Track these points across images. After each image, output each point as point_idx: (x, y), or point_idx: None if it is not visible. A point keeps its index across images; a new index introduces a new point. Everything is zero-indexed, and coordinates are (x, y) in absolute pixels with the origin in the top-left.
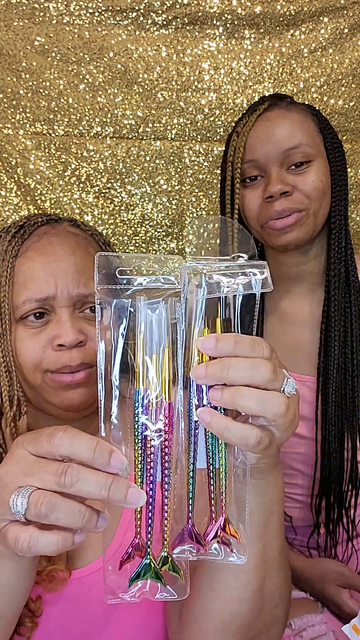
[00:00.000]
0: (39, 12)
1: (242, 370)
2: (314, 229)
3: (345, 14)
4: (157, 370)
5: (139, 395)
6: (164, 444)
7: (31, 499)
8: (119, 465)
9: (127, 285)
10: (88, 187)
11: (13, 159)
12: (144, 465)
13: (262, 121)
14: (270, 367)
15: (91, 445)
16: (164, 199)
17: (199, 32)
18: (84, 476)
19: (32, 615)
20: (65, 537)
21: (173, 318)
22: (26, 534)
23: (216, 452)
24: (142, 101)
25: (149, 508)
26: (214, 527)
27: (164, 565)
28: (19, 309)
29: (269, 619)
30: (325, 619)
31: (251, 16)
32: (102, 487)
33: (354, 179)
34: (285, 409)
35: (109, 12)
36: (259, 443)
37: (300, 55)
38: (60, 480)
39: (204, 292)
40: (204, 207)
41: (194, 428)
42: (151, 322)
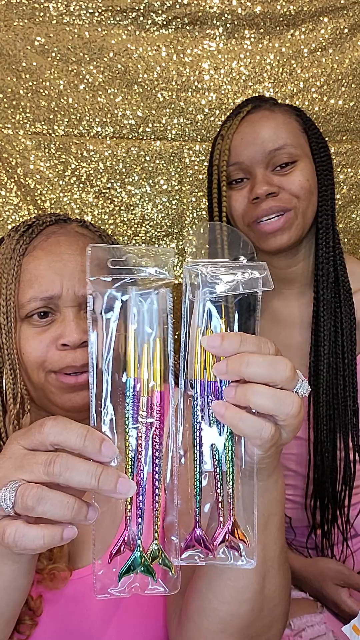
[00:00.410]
0: (39, 12)
1: (262, 367)
2: (302, 229)
3: (345, 14)
4: (149, 360)
5: (130, 384)
6: (154, 433)
7: (18, 492)
8: (110, 453)
9: (119, 276)
10: (88, 187)
11: (13, 159)
12: (135, 456)
13: (246, 123)
14: (290, 366)
15: (82, 433)
16: (164, 199)
17: (199, 32)
18: (73, 465)
19: (33, 614)
20: (53, 531)
21: (164, 308)
22: (12, 528)
23: (222, 455)
24: (142, 101)
25: (139, 499)
26: (222, 531)
27: (154, 559)
28: (24, 308)
29: (268, 619)
30: (324, 619)
31: (251, 16)
32: (92, 476)
33: (354, 179)
34: (298, 409)
35: (109, 12)
36: (272, 437)
37: (300, 55)
38: (49, 470)
39: (205, 293)
40: (204, 207)
41: (199, 430)
42: (143, 312)
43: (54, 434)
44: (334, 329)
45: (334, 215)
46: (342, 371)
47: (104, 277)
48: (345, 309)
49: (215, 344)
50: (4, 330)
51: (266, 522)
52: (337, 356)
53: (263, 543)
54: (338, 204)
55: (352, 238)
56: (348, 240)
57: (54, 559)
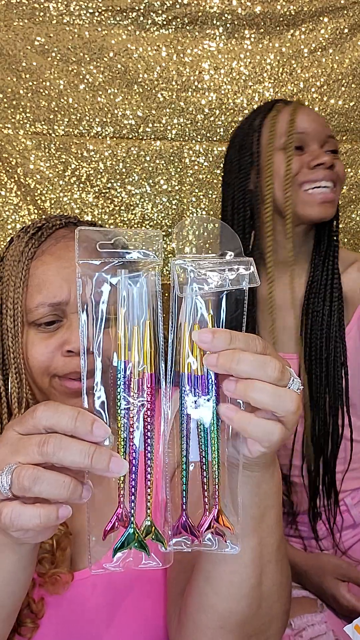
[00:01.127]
0: (39, 12)
1: (251, 365)
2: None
3: (345, 14)
4: (139, 342)
5: (121, 367)
6: (146, 413)
7: (14, 474)
8: (101, 433)
9: (108, 258)
10: (88, 187)
11: (13, 159)
12: (127, 436)
13: (302, 109)
14: (279, 367)
15: (72, 414)
16: (164, 199)
17: (199, 32)
18: (66, 444)
19: (35, 617)
20: (49, 510)
21: (154, 291)
22: (8, 508)
23: (209, 445)
24: (142, 101)
25: (132, 477)
26: (207, 518)
27: (147, 535)
28: (32, 313)
29: (267, 617)
30: (325, 618)
31: (251, 16)
32: (85, 455)
33: (354, 179)
34: (297, 406)
35: (109, 12)
36: (282, 439)
37: (300, 55)
38: (43, 450)
39: (193, 288)
40: (204, 207)
41: (186, 421)
42: (132, 295)
43: (45, 418)
44: (329, 304)
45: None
46: (334, 339)
47: (92, 260)
48: (336, 286)
49: (206, 339)
50: (10, 334)
51: (262, 514)
52: (327, 332)
53: (260, 536)
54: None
55: (352, 238)
56: (348, 240)
57: (56, 563)
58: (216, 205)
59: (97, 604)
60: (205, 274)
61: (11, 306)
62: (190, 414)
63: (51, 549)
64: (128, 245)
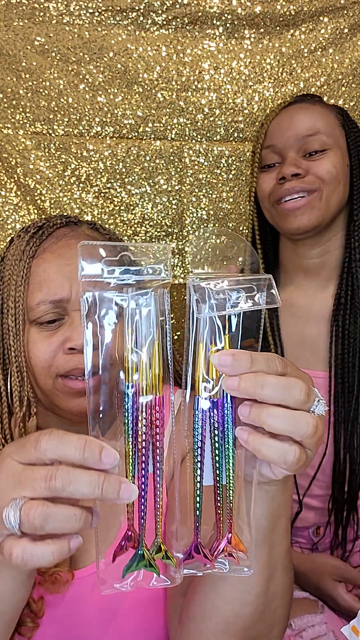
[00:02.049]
0: (39, 12)
1: (276, 389)
2: (324, 215)
3: (345, 14)
4: (147, 364)
5: (129, 389)
6: (155, 437)
7: (23, 512)
8: (110, 461)
9: (114, 276)
10: (88, 187)
11: (13, 159)
12: (136, 459)
13: (285, 111)
14: (304, 389)
15: (79, 445)
16: (164, 199)
17: (199, 32)
18: (75, 478)
19: (34, 616)
20: (61, 546)
21: (162, 310)
22: (19, 549)
23: (223, 469)
24: (142, 101)
25: (142, 500)
26: (221, 543)
27: (157, 553)
28: (33, 311)
29: (270, 620)
30: (325, 619)
31: (251, 16)
32: (95, 486)
33: None
34: (314, 430)
35: (109, 12)
36: (298, 460)
37: (300, 55)
38: (51, 485)
39: (210, 308)
40: (204, 207)
41: (199, 445)
42: (140, 314)
43: (51, 450)
44: (353, 314)
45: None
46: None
47: (98, 277)
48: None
49: (226, 362)
50: (12, 333)
51: (275, 524)
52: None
53: (270, 545)
54: None
55: None
56: None
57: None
58: (216, 205)
59: (97, 603)
60: (222, 293)
61: (12, 305)
62: (205, 438)
63: None
64: (135, 261)
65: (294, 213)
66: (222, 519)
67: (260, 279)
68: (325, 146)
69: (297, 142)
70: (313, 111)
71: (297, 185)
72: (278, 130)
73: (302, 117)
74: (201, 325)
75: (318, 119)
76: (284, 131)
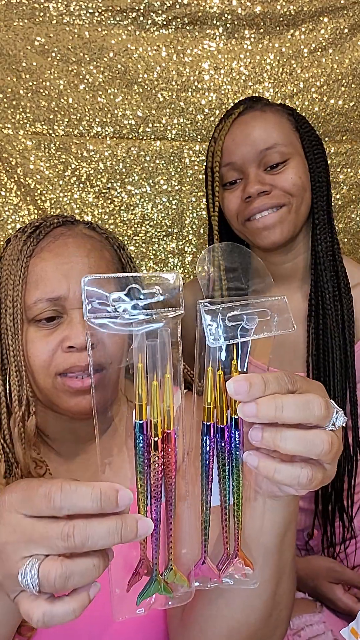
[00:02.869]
0: (39, 12)
1: (296, 409)
2: (295, 226)
3: (345, 14)
4: (158, 399)
5: (140, 426)
6: (167, 473)
7: (42, 574)
8: (126, 502)
9: (123, 313)
10: (88, 187)
11: (13, 159)
12: (149, 494)
13: (237, 124)
14: (323, 404)
15: (95, 496)
16: (164, 199)
17: (199, 32)
18: (93, 532)
19: None
20: (82, 600)
21: (175, 342)
22: (39, 612)
23: (230, 490)
24: (142, 101)
25: (155, 531)
26: (228, 562)
27: (169, 573)
28: (31, 310)
29: (274, 623)
30: (323, 618)
31: (251, 16)
32: (115, 534)
33: (354, 179)
34: (329, 447)
35: (109, 12)
36: (311, 481)
37: (300, 55)
38: (70, 544)
39: (222, 335)
40: (204, 207)
41: (207, 467)
42: (151, 349)
43: (67, 507)
44: (336, 322)
45: (330, 210)
46: (345, 364)
47: (105, 317)
48: (345, 301)
49: (242, 390)
50: (10, 332)
51: (286, 531)
52: (340, 348)
53: (280, 552)
54: (338, 204)
55: (352, 238)
56: (348, 240)
57: None
58: None
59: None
60: (234, 319)
61: (10, 304)
62: (212, 463)
63: None
64: (143, 292)
65: (266, 229)
66: (229, 537)
67: (274, 300)
68: (285, 156)
69: (256, 157)
70: (266, 121)
71: (265, 203)
72: (234, 147)
73: (256, 130)
74: (210, 351)
75: (273, 130)
76: (240, 147)
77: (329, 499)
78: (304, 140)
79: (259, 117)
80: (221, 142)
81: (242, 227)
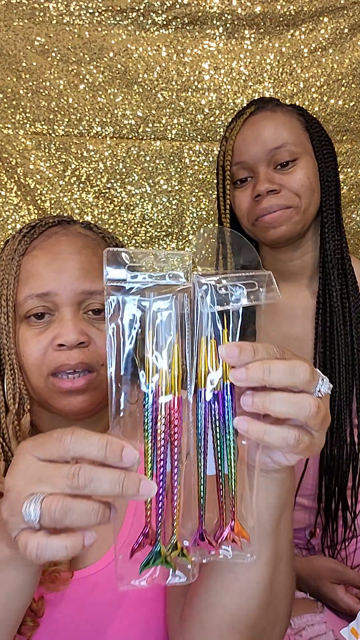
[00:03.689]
0: (39, 12)
1: (283, 372)
2: (303, 224)
3: (345, 14)
4: (166, 366)
5: (149, 390)
6: (173, 437)
7: (44, 506)
8: (131, 459)
9: (137, 281)
10: (88, 187)
11: (13, 159)
12: (154, 458)
13: (248, 124)
14: (309, 369)
15: (102, 444)
16: (164, 199)
17: (199, 32)
18: (97, 476)
19: (34, 615)
20: (75, 541)
21: (182, 314)
22: (33, 542)
23: (225, 459)
24: (142, 101)
25: (159, 498)
26: (224, 531)
27: (173, 552)
28: (22, 306)
29: (273, 615)
30: (324, 618)
31: (251, 16)
32: (116, 484)
33: (354, 179)
34: (316, 410)
35: (109, 12)
36: (299, 442)
37: (300, 55)
38: (74, 483)
39: (213, 303)
40: (204, 207)
41: (202, 436)
42: (160, 318)
43: (74, 449)
44: (344, 320)
45: (339, 210)
46: (352, 361)
47: (121, 282)
48: (353, 299)
49: (233, 354)
50: (4, 331)
51: (282, 513)
52: (347, 345)
53: (277, 535)
54: None
55: (352, 238)
56: (348, 240)
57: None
58: (216, 205)
59: (97, 603)
60: (225, 289)
61: (4, 303)
62: (208, 429)
63: None
64: (157, 268)
65: (273, 225)
66: (225, 507)
67: (261, 275)
68: (294, 155)
69: (266, 156)
70: (276, 121)
71: (274, 204)
72: (245, 146)
73: (267, 130)
74: (203, 320)
75: (283, 129)
76: (251, 146)
77: (332, 497)
78: (313, 140)
79: (269, 117)
80: (232, 141)
81: (252, 226)
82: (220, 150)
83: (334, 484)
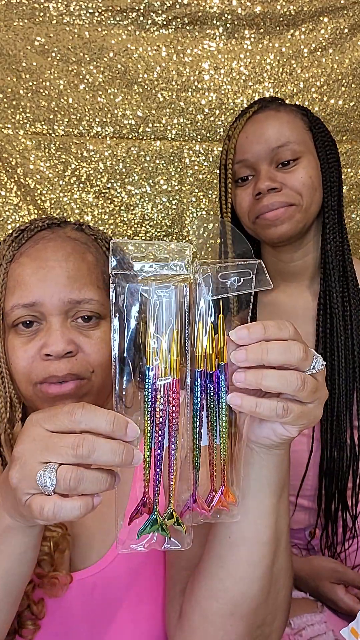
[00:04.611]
0: (39, 12)
1: (279, 352)
2: (304, 223)
3: (345, 14)
4: (166, 350)
5: (149, 372)
6: (171, 415)
7: (59, 475)
8: (134, 434)
9: (140, 270)
10: (88, 187)
11: (13, 159)
12: (153, 434)
13: (251, 122)
14: (303, 348)
15: (110, 419)
16: (164, 199)
17: (199, 32)
18: (99, 446)
19: (35, 618)
20: (87, 501)
21: (182, 302)
22: (50, 503)
23: (217, 430)
24: (142, 101)
25: (157, 470)
26: (215, 496)
27: (169, 520)
28: (9, 316)
29: (273, 605)
30: (324, 618)
31: (251, 16)
32: (116, 454)
33: (354, 179)
34: (302, 384)
35: (109, 12)
36: (288, 412)
37: (300, 55)
38: (78, 453)
39: (207, 291)
40: (204, 207)
41: (198, 411)
42: (161, 305)
43: (85, 422)
44: (344, 321)
45: (341, 211)
46: (353, 363)
47: (125, 271)
48: (354, 301)
49: (243, 335)
50: None
51: (281, 491)
52: (347, 348)
53: (276, 515)
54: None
55: (352, 238)
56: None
57: (55, 565)
58: (216, 205)
59: (96, 605)
60: (222, 277)
61: None
62: (203, 405)
63: (50, 551)
64: (159, 258)
65: (274, 223)
66: (216, 473)
67: (252, 263)
68: (297, 154)
69: (268, 155)
70: (280, 119)
71: (275, 201)
72: (247, 144)
73: (269, 128)
74: (200, 306)
75: (286, 128)
76: (254, 145)
77: (332, 498)
78: (316, 140)
79: (272, 116)
80: (235, 139)
81: (253, 224)
82: (223, 148)
83: (334, 486)
